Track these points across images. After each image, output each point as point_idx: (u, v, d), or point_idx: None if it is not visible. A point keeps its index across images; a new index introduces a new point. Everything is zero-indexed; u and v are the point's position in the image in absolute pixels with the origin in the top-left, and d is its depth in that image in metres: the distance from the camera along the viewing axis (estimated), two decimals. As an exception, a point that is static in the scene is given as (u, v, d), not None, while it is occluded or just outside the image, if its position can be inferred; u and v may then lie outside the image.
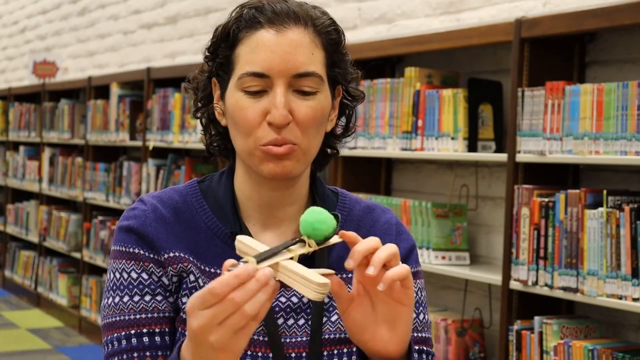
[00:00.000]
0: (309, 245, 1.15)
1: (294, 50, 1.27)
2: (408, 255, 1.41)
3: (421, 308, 1.39)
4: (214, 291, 1.04)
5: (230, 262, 1.08)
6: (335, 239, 1.18)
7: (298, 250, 1.14)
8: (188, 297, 1.31)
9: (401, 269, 1.16)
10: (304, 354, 1.32)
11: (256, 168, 1.31)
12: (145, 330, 1.30)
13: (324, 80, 1.31)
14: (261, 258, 1.09)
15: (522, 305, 3.07)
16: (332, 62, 1.33)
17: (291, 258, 1.13)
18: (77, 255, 6.66)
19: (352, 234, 1.17)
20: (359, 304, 1.20)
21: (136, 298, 1.31)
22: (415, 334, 1.37)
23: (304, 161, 1.31)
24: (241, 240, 1.15)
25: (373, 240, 1.17)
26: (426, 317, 1.40)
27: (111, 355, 1.30)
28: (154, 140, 5.51)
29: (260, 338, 1.31)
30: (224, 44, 1.32)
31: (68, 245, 6.76)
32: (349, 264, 1.15)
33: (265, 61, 1.27)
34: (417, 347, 1.36)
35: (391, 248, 1.16)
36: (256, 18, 1.29)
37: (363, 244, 1.16)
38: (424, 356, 1.37)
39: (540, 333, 2.92)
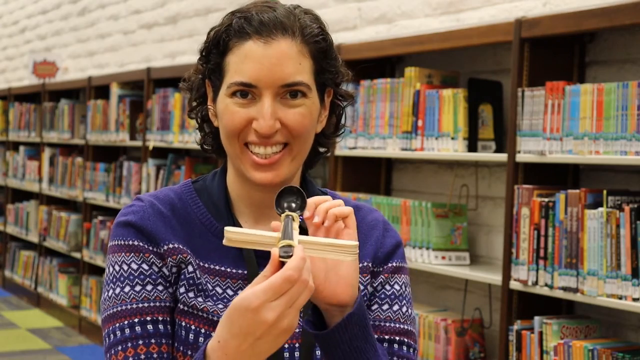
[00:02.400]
0: (296, 219, 1.19)
1: (281, 61, 1.30)
2: (394, 251, 1.44)
3: (404, 302, 1.42)
4: (290, 278, 1.08)
5: (275, 252, 1.11)
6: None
7: (296, 225, 1.18)
8: (186, 288, 1.34)
9: (344, 207, 1.25)
10: (297, 345, 1.35)
11: (246, 174, 1.35)
12: (148, 319, 1.31)
13: (312, 88, 1.34)
14: (289, 237, 1.13)
15: (522, 305, 3.07)
16: (321, 69, 1.36)
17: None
18: (77, 255, 6.66)
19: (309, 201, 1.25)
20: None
21: (137, 288, 1.32)
22: (398, 325, 1.39)
23: (293, 166, 1.35)
24: (231, 230, 1.16)
25: (321, 197, 1.26)
26: (409, 310, 1.42)
27: (114, 345, 1.30)
28: (154, 140, 5.51)
29: None
30: (215, 50, 1.35)
31: (68, 245, 6.76)
32: (305, 214, 1.23)
33: (253, 72, 1.30)
34: (397, 338, 1.39)
35: (335, 201, 1.26)
36: (244, 29, 1.32)
37: (313, 198, 1.25)
38: (405, 347, 1.39)
39: (540, 333, 2.92)
